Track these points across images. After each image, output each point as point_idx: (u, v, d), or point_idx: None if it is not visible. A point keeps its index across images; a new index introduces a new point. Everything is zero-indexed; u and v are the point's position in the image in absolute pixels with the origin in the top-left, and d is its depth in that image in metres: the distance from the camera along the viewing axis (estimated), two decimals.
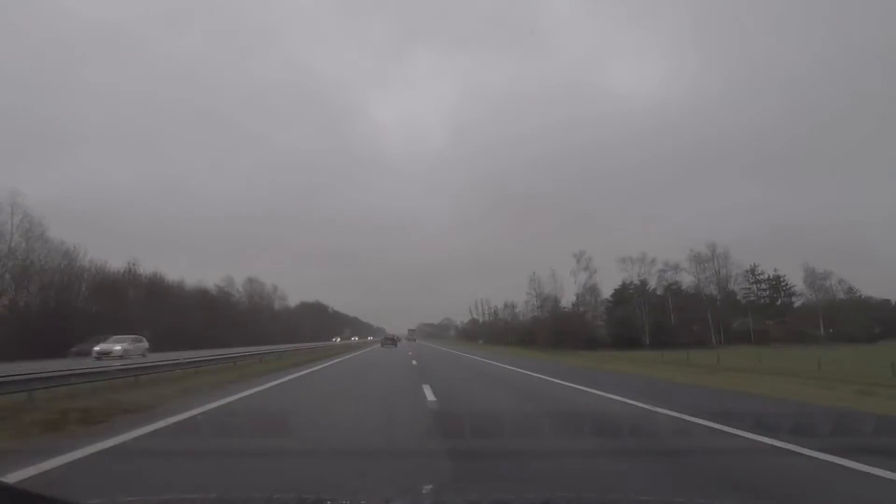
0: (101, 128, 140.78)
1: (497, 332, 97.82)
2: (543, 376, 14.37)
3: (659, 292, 59.02)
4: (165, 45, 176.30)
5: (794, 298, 61.65)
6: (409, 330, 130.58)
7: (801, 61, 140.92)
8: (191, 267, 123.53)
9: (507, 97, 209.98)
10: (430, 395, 8.98)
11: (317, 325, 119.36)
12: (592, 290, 60.60)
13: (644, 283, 58.97)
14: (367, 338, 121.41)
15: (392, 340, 61.41)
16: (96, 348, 25.47)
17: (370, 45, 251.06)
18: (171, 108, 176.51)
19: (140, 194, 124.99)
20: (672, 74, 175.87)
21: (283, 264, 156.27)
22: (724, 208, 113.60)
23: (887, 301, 68.81)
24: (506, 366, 20.10)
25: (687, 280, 59.91)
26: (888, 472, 3.68)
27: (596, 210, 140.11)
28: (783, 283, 61.90)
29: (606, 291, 64.78)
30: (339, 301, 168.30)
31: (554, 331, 58.17)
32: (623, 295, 60.16)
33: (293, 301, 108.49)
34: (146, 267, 51.04)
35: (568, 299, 67.41)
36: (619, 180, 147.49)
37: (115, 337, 27.68)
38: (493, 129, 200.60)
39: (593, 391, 10.21)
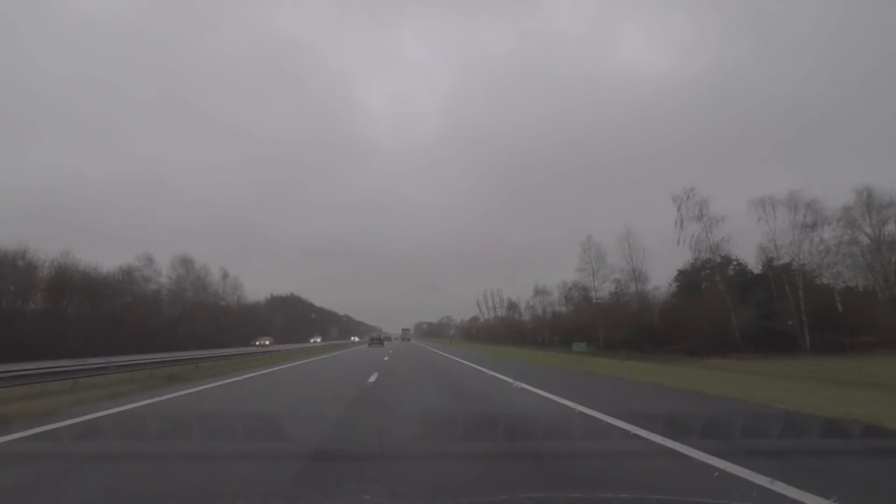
0: (56, 120, 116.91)
1: (518, 330, 76.03)
2: None
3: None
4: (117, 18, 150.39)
5: None
6: (403, 329, 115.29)
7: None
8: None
9: (510, 80, 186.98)
10: None
11: (293, 324, 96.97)
12: (721, 256, 37.37)
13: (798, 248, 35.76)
14: (349, 338, 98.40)
15: (379, 340, 61.28)
16: None
17: (355, 17, 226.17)
18: (132, 94, 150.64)
19: (108, 190, 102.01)
20: (691, 49, 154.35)
21: (273, 263, 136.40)
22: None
23: None
24: None
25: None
26: None
27: (617, 202, 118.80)
28: None
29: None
30: (334, 299, 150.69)
31: (635, 326, 36.61)
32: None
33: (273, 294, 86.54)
34: None
35: (658, 273, 45.40)
36: (642, 166, 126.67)
37: None
38: (495, 115, 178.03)
39: None
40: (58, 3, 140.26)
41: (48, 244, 46.75)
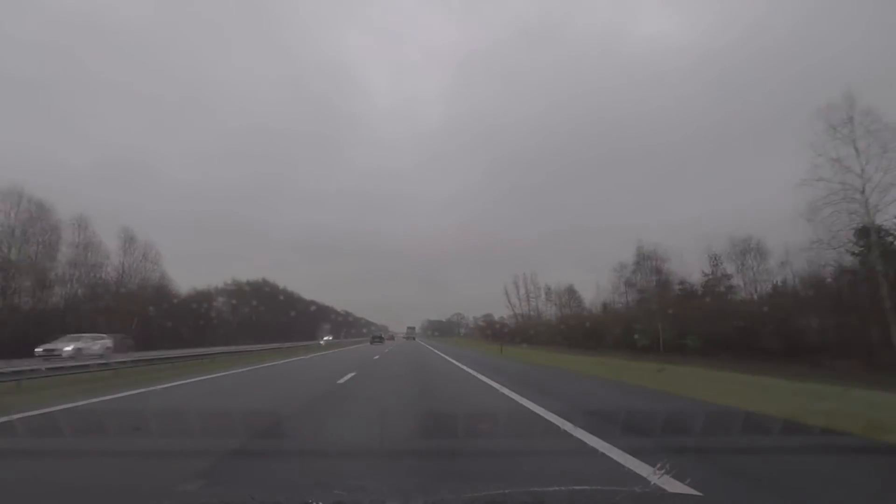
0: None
1: (570, 329, 51.58)
2: None
3: None
4: None
5: None
6: (408, 328, 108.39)
7: None
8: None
9: (517, 62, 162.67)
10: None
11: (269, 318, 71.23)
12: None
13: None
14: (326, 337, 73.73)
15: (380, 338, 66.25)
16: None
17: None
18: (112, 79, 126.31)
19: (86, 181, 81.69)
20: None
21: (270, 260, 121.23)
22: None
23: None
24: None
25: None
26: None
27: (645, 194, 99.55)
28: None
29: None
30: (333, 296, 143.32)
31: None
32: None
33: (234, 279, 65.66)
34: None
35: None
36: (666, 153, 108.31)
37: None
38: (502, 102, 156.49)
39: None
40: None
41: None
